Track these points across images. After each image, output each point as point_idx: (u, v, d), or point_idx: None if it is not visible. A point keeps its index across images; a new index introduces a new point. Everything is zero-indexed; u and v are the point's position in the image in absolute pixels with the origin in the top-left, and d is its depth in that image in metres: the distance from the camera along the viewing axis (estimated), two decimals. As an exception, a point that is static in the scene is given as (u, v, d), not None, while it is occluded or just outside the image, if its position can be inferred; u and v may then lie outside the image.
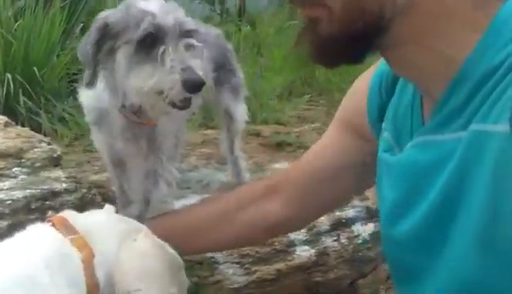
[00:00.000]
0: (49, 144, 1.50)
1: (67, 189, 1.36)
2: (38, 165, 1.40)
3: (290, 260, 1.53)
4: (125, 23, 1.08)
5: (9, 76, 2.24)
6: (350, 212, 1.64)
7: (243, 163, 1.68)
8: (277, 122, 2.50)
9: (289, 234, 1.53)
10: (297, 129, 2.41)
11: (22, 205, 1.28)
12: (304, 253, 1.55)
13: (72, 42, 2.62)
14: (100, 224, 0.90)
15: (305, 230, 1.56)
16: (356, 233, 1.64)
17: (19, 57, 2.34)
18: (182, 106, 1.07)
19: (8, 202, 1.26)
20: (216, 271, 1.45)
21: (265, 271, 1.50)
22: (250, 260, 1.48)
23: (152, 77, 1.03)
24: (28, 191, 1.31)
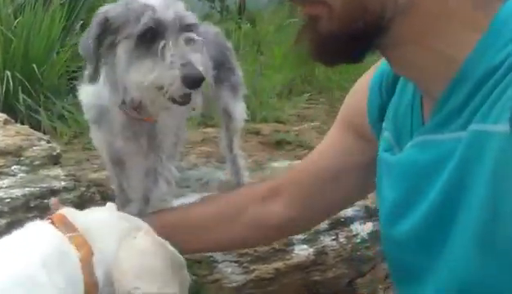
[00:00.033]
0: (48, 142, 1.50)
1: (66, 188, 1.36)
2: (37, 163, 1.40)
3: (289, 259, 1.53)
4: (125, 17, 1.07)
5: (8, 73, 2.24)
6: (349, 211, 1.63)
7: (242, 162, 1.68)
8: (277, 121, 2.49)
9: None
10: (296, 127, 2.41)
11: (21, 203, 1.28)
12: (303, 252, 1.54)
13: (72, 39, 2.61)
14: (100, 221, 0.89)
15: (303, 229, 1.56)
16: (354, 232, 1.63)
17: (18, 54, 2.34)
18: (182, 102, 1.07)
19: (7, 200, 1.27)
20: (215, 270, 1.45)
21: (263, 270, 1.50)
22: (249, 258, 1.48)
23: (152, 72, 1.03)
24: (27, 189, 1.31)
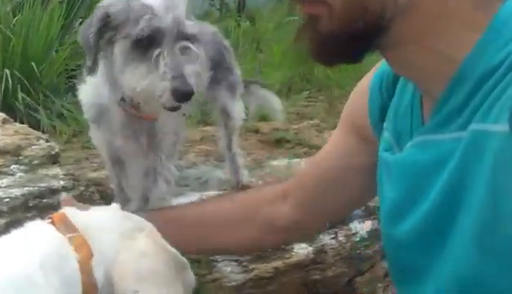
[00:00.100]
0: (47, 141, 1.50)
1: (65, 187, 1.35)
2: (36, 162, 1.40)
3: (288, 257, 1.53)
4: (125, 15, 1.07)
5: (7, 72, 2.24)
6: (348, 210, 1.63)
7: (241, 160, 1.68)
8: (276, 119, 2.49)
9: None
10: (296, 126, 2.40)
11: (20, 203, 1.27)
12: (302, 251, 1.54)
13: (71, 38, 2.61)
14: (101, 222, 0.87)
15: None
16: (353, 230, 1.63)
17: (17, 53, 2.33)
18: (173, 109, 1.07)
19: (6, 199, 1.26)
20: (214, 269, 1.45)
21: (263, 269, 1.50)
22: (248, 258, 1.48)
23: (145, 79, 1.04)
24: (26, 189, 1.31)
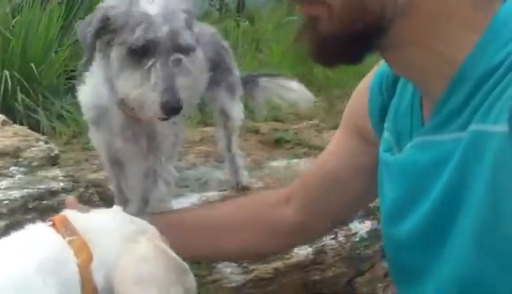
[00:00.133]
0: (46, 142, 1.50)
1: (64, 189, 1.35)
2: (36, 164, 1.40)
3: (288, 258, 1.53)
4: (124, 20, 1.07)
5: (7, 73, 2.24)
6: (348, 210, 1.63)
7: (240, 161, 1.68)
8: (275, 119, 2.49)
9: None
10: (295, 126, 2.41)
11: (19, 205, 1.27)
12: (302, 251, 1.54)
13: (70, 38, 2.61)
14: (103, 224, 0.86)
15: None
16: (353, 231, 1.63)
17: (16, 54, 2.33)
18: (164, 118, 1.09)
19: (5, 201, 1.26)
20: (214, 270, 1.45)
21: (263, 270, 1.50)
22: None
23: (138, 87, 1.05)
24: (25, 191, 1.30)
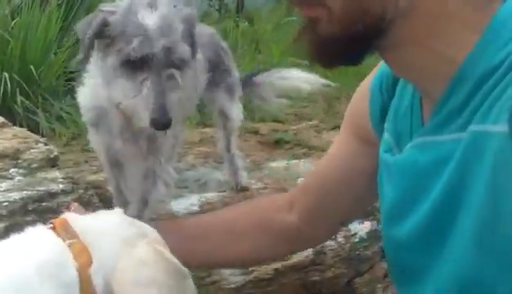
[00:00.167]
0: (46, 144, 1.49)
1: (64, 190, 1.35)
2: (35, 166, 1.39)
3: (287, 259, 1.53)
4: (122, 29, 1.08)
5: (6, 75, 2.23)
6: (347, 211, 1.63)
7: (240, 162, 1.68)
8: (275, 120, 2.49)
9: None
10: (294, 127, 2.41)
11: (19, 206, 1.27)
12: (301, 252, 1.54)
13: (69, 40, 2.61)
14: (103, 227, 0.85)
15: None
16: (353, 231, 1.63)
17: (16, 56, 2.33)
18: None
19: (5, 203, 1.26)
20: (213, 271, 1.45)
21: (262, 271, 1.50)
22: (247, 259, 1.48)
23: (129, 98, 1.07)
24: (24, 192, 1.30)
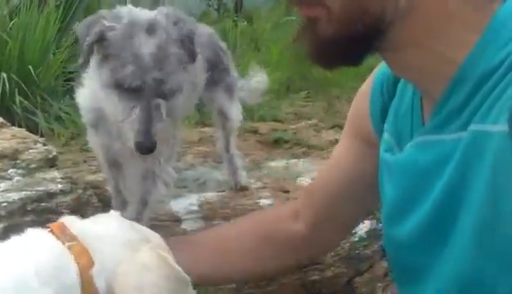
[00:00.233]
0: (44, 144, 1.49)
1: (63, 191, 1.35)
2: (34, 166, 1.39)
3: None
4: (118, 50, 1.09)
5: (4, 75, 2.23)
6: (347, 210, 1.62)
7: (239, 161, 1.67)
8: (274, 119, 2.49)
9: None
10: (294, 126, 2.40)
11: (18, 207, 1.27)
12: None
13: (68, 40, 2.61)
14: (102, 230, 0.85)
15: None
16: (352, 231, 1.63)
17: (14, 56, 2.33)
18: None
19: (4, 204, 1.25)
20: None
21: (262, 270, 1.49)
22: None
23: (119, 116, 1.12)
24: (23, 193, 1.30)
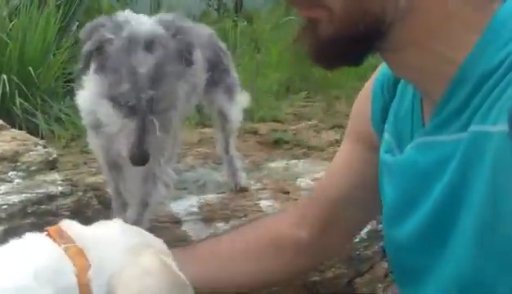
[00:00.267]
0: (45, 147, 1.49)
1: (63, 193, 1.35)
2: (34, 168, 1.39)
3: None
4: (115, 65, 1.11)
5: (4, 77, 2.24)
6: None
7: (239, 163, 1.67)
8: (274, 120, 2.49)
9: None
10: (294, 126, 2.40)
11: (18, 209, 1.27)
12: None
13: (68, 41, 2.61)
14: (100, 234, 0.85)
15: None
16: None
17: (14, 57, 2.33)
18: None
19: (4, 206, 1.26)
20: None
21: (262, 271, 1.49)
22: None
23: (113, 127, 1.15)
24: (24, 195, 1.30)
